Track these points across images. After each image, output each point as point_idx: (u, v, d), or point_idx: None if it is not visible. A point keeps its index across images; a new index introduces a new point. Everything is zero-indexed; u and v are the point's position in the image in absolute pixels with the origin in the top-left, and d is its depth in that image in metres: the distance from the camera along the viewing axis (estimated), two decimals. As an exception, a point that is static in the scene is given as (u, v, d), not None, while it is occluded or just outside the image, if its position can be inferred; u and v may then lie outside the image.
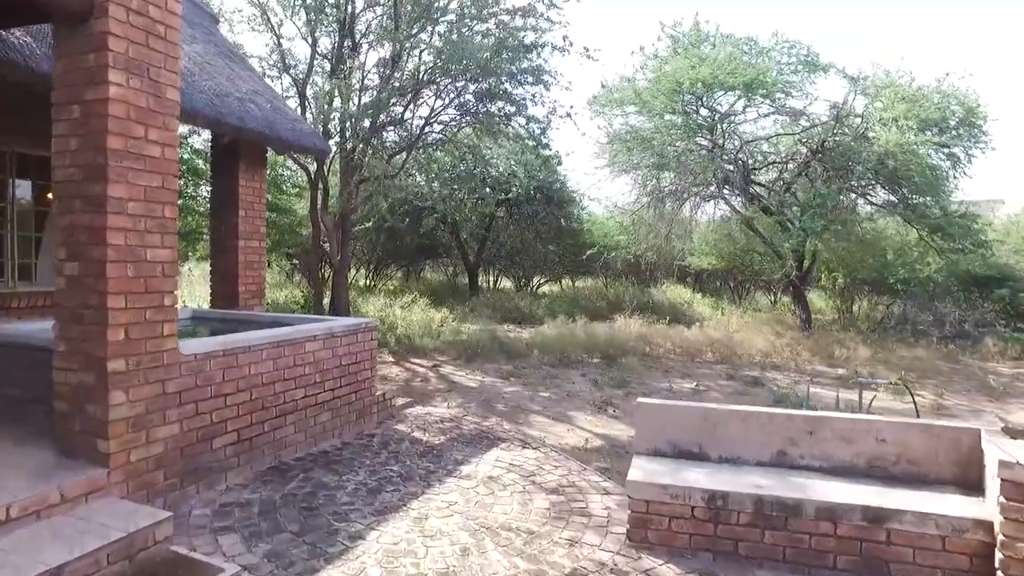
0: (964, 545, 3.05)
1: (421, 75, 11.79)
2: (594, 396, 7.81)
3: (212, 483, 4.04)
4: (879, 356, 11.13)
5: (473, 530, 3.69)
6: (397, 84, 11.58)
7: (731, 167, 14.17)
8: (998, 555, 2.91)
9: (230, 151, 7.08)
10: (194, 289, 14.80)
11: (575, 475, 4.75)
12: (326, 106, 10.34)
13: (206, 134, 11.05)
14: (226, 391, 4.15)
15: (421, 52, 11.66)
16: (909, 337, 13.32)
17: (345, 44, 11.90)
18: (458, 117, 12.40)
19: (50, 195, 5.18)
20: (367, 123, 11.38)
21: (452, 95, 12.27)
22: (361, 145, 11.36)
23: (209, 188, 10.27)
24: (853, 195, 13.27)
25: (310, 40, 11.77)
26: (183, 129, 12.22)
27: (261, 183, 7.40)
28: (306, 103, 11.10)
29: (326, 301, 12.82)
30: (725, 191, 15.63)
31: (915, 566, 3.13)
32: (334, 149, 12.16)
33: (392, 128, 12.35)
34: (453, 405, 7.04)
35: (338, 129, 11.88)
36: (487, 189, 18.28)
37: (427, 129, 12.46)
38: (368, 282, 23.23)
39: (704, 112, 14.08)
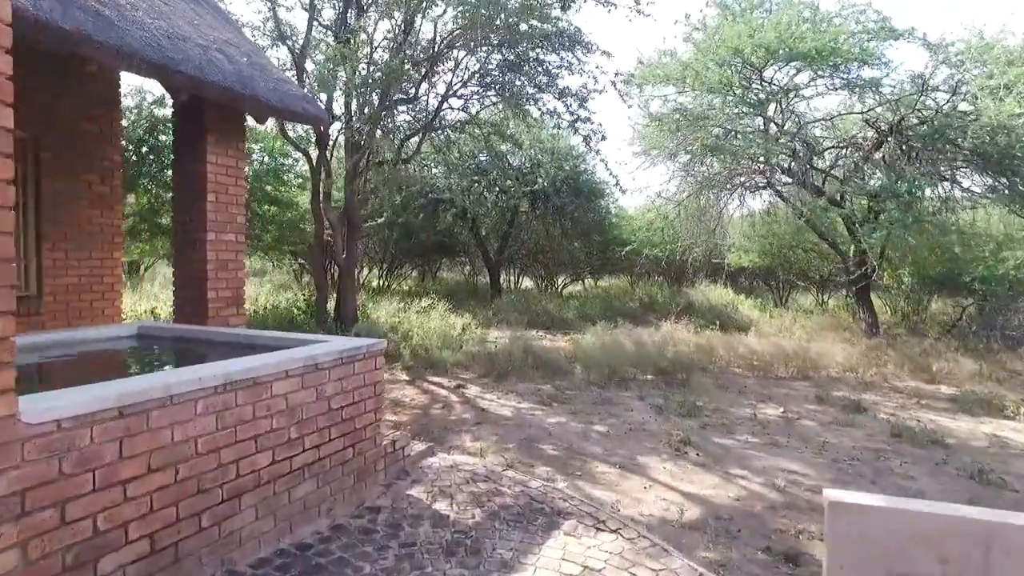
0: None
1: (438, 44, 10.14)
2: (664, 430, 6.08)
3: (97, 636, 2.39)
4: (986, 371, 9.26)
5: None
6: (410, 52, 9.94)
7: (790, 151, 12.35)
8: None
9: (196, 118, 5.46)
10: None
11: (688, 588, 3.05)
12: (328, 74, 8.66)
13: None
14: (126, 474, 2.50)
15: (438, 17, 9.99)
16: (994, 343, 11.46)
17: (349, 13, 10.27)
18: (480, 91, 10.72)
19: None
20: (376, 99, 9.75)
21: (474, 66, 10.62)
22: (369, 125, 9.72)
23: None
24: (946, 181, 11.38)
25: (309, 5, 10.15)
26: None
27: (238, 160, 5.75)
28: (304, 76, 9.46)
29: (332, 305, 11.21)
30: (777, 179, 13.87)
31: None
32: (338, 130, 10.56)
33: (405, 107, 10.70)
34: (487, 447, 5.36)
35: (343, 108, 10.28)
36: (508, 181, 16.57)
37: (444, 106, 10.80)
38: (381, 283, 21.68)
39: (757, 86, 12.29)
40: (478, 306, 15.53)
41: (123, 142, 10.52)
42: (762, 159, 12.51)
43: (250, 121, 6.10)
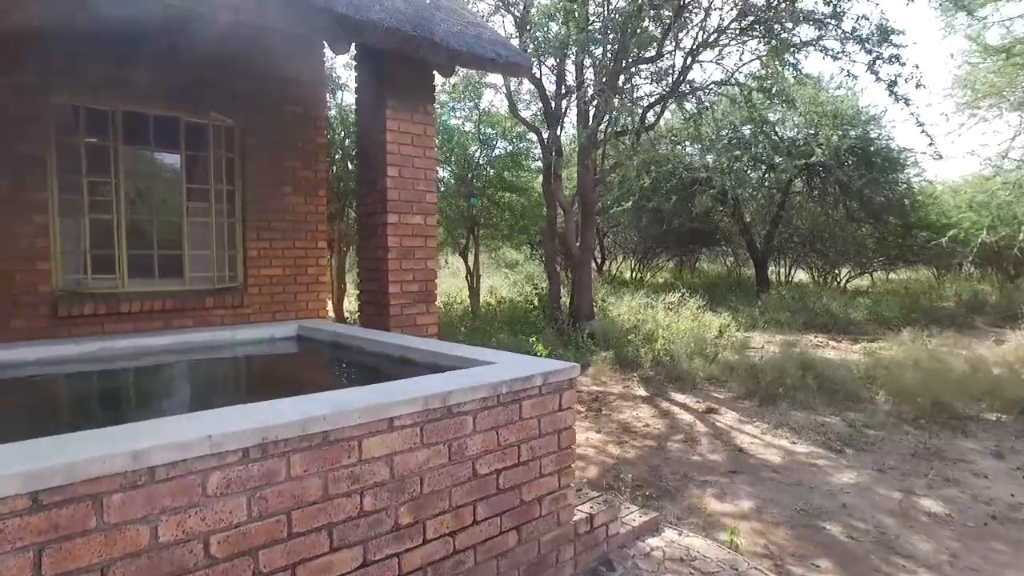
0: None
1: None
2: (1055, 522, 3.66)
3: None
4: None
5: None
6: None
7: None
8: None
9: (376, 78, 4.58)
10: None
11: None
12: (549, 34, 7.43)
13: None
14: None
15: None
16: None
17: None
18: (739, 38, 8.60)
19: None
20: (610, 61, 8.29)
21: (730, 10, 8.53)
22: (603, 91, 8.30)
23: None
24: None
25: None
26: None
27: (426, 127, 4.74)
28: (526, 37, 8.35)
29: (566, 299, 10.07)
30: None
31: None
32: (567, 103, 9.32)
33: (645, 66, 9.03)
34: (741, 520, 3.60)
35: (575, 77, 9.02)
36: (777, 156, 13.82)
37: (693, 65, 8.88)
38: (635, 275, 20.21)
39: None
40: (740, 303, 13.22)
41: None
42: None
43: (484, 102, 5.13)
